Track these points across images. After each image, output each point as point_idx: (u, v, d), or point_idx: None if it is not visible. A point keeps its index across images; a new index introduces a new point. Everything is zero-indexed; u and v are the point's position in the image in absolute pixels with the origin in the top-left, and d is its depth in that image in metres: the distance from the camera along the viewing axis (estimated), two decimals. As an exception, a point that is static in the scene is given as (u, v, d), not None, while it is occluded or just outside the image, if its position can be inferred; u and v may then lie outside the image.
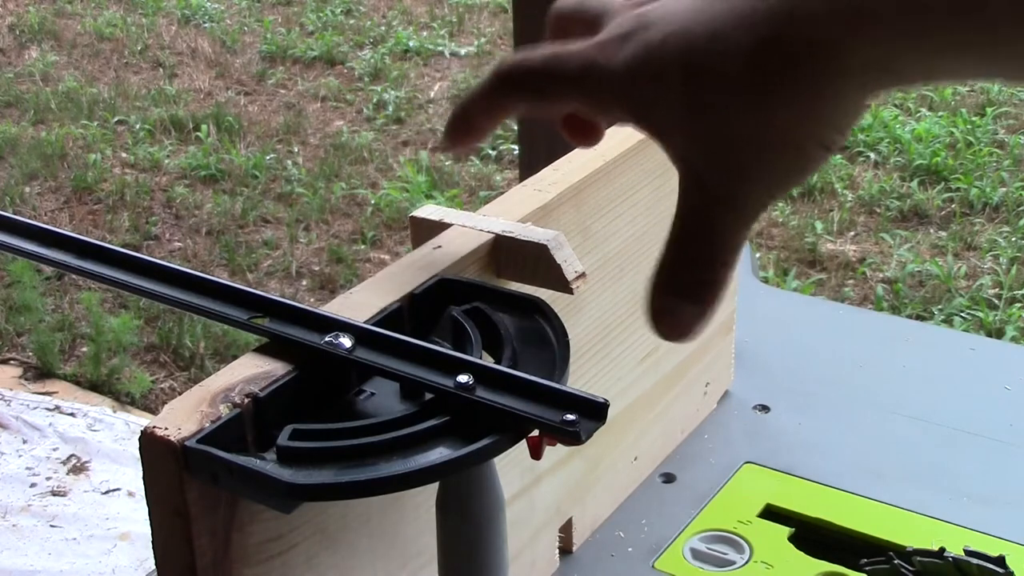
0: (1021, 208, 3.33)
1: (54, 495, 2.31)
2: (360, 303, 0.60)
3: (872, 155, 3.63)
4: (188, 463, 0.51)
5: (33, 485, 2.33)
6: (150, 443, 0.51)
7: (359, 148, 3.81)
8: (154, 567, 0.54)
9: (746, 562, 0.83)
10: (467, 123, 0.58)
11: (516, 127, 2.67)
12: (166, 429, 0.51)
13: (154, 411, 2.57)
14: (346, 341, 0.55)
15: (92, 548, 2.17)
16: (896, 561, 0.80)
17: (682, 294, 0.49)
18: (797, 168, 0.47)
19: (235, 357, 0.60)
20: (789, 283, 2.98)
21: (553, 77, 0.53)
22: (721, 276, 0.49)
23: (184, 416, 0.52)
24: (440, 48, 4.57)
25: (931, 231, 3.28)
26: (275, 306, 0.58)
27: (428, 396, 0.54)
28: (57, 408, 2.55)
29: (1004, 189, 3.41)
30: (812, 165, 0.47)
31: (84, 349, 2.84)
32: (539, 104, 0.55)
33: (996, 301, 2.93)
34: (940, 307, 2.91)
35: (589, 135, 0.58)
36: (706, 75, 0.46)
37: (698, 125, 0.47)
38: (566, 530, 0.83)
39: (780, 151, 0.46)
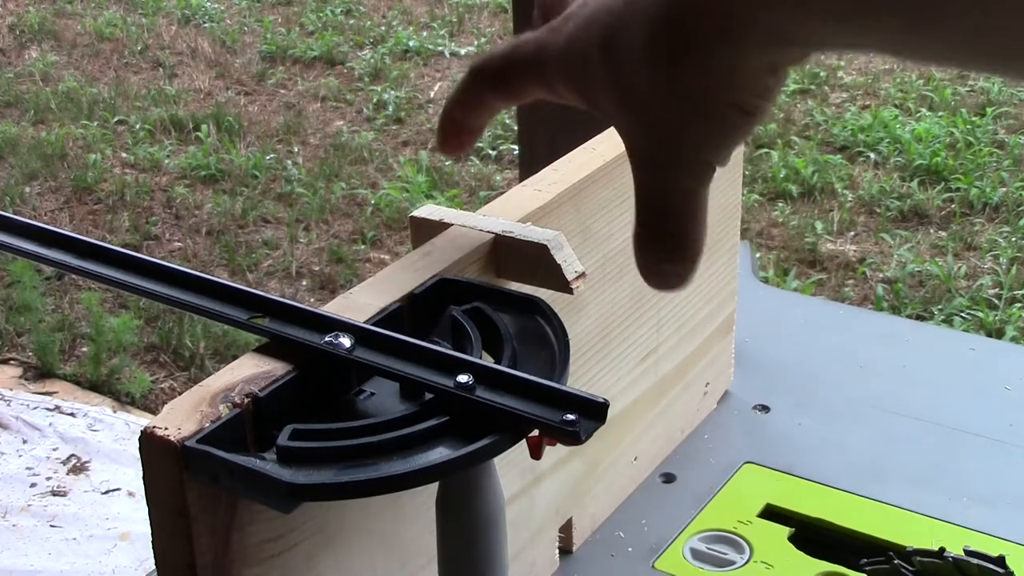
0: (1021, 208, 3.33)
1: (54, 495, 2.31)
2: (360, 303, 0.60)
3: (872, 155, 3.63)
4: (188, 463, 0.51)
5: (33, 485, 2.33)
6: (150, 443, 0.51)
7: (359, 148, 3.81)
8: (154, 567, 0.54)
9: (746, 562, 0.83)
10: (455, 125, 0.59)
11: (516, 127, 2.67)
12: (166, 429, 0.51)
13: (154, 411, 2.57)
14: (346, 341, 0.55)
15: (92, 548, 2.17)
16: (896, 561, 0.80)
17: (659, 257, 0.50)
18: (723, 132, 0.48)
19: (235, 357, 0.60)
20: (789, 283, 2.98)
21: (514, 65, 0.54)
22: (690, 235, 0.50)
23: (184, 416, 0.52)
24: (440, 48, 4.58)
25: (931, 231, 3.28)
26: (275, 306, 0.58)
27: (428, 396, 0.54)
28: (57, 408, 2.55)
29: (1004, 189, 3.41)
30: (738, 128, 0.48)
31: (84, 349, 2.84)
32: (509, 94, 0.56)
33: (996, 301, 2.93)
34: (940, 307, 2.91)
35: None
36: (622, 46, 0.47)
37: (624, 94, 0.48)
38: (566, 530, 0.83)
39: (698, 116, 0.47)
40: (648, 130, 0.48)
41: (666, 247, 0.50)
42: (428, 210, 0.70)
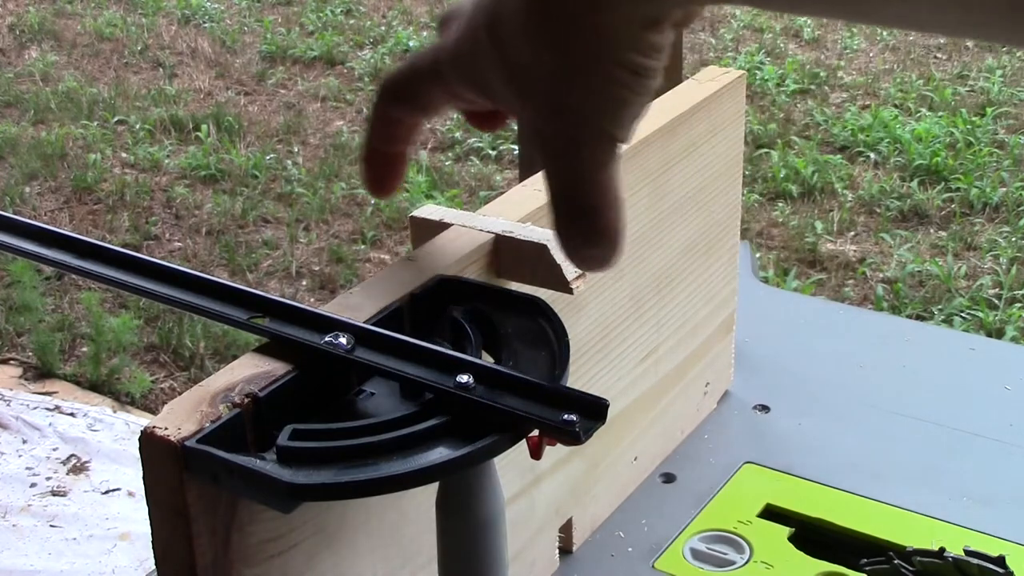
0: (1021, 208, 3.33)
1: (54, 495, 2.31)
2: (360, 303, 0.60)
3: (872, 155, 3.63)
4: (188, 463, 0.51)
5: (33, 485, 2.33)
6: (150, 443, 0.51)
7: (359, 148, 3.80)
8: (154, 567, 0.54)
9: (746, 562, 0.83)
10: (378, 157, 0.58)
11: (516, 127, 2.67)
12: (166, 429, 0.51)
13: (154, 411, 2.57)
14: (346, 341, 0.55)
15: (92, 548, 2.17)
16: (896, 561, 0.80)
17: (580, 241, 0.50)
18: (614, 96, 0.47)
19: (235, 357, 0.60)
20: (789, 283, 2.98)
21: (415, 74, 0.54)
22: (605, 215, 0.49)
23: (184, 416, 0.52)
24: (440, 48, 4.57)
25: (931, 231, 3.28)
26: (275, 306, 0.58)
27: (428, 396, 0.54)
28: (57, 408, 2.55)
29: (1004, 189, 3.41)
30: (630, 91, 0.47)
31: (84, 349, 2.84)
32: (417, 107, 0.55)
33: (996, 301, 2.93)
34: (940, 307, 2.91)
35: (487, 121, 0.58)
36: (505, 24, 0.47)
37: (514, 74, 0.48)
38: (566, 530, 0.83)
39: (586, 82, 0.46)
40: (544, 109, 0.48)
41: (584, 231, 0.49)
42: (428, 210, 0.70)
